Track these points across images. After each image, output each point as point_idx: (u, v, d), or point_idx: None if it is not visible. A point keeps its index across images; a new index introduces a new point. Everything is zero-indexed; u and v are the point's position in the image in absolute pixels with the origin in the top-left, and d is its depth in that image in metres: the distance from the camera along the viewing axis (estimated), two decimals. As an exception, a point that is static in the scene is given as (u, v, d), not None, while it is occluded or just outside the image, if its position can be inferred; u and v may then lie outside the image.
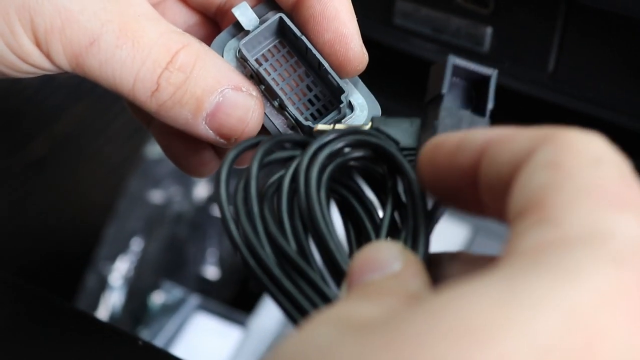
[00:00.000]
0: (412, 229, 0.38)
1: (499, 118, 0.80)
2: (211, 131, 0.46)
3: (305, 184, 0.38)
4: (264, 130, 0.47)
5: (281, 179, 0.40)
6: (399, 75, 0.82)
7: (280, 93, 0.47)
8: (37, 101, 0.93)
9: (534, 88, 0.72)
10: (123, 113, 1.01)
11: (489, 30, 0.68)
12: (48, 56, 0.45)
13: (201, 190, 1.05)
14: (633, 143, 0.76)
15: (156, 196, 1.03)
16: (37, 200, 0.97)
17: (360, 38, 0.47)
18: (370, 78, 0.49)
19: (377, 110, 0.49)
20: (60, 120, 0.96)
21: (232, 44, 0.48)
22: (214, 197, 0.39)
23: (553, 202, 0.30)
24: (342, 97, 0.47)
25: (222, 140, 0.46)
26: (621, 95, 0.67)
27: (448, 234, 0.98)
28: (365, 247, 0.36)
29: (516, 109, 0.80)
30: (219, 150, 0.51)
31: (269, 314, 0.90)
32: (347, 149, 0.41)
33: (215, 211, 1.05)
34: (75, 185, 1.01)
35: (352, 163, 0.41)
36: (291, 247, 0.38)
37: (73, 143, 0.98)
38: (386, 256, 0.35)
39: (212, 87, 0.45)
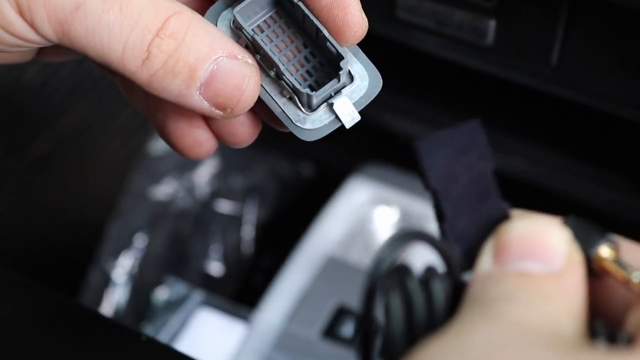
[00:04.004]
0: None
1: (502, 112, 0.80)
2: (206, 102, 0.44)
3: None
4: (259, 101, 0.46)
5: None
6: (401, 70, 0.82)
7: (276, 60, 0.45)
8: (40, 99, 0.93)
9: (538, 81, 0.72)
10: (126, 110, 1.01)
11: (492, 24, 0.68)
12: (32, 25, 0.43)
13: (204, 186, 1.05)
14: (637, 136, 0.76)
15: (159, 192, 1.03)
16: (40, 197, 0.97)
17: (359, 2, 0.46)
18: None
19: (378, 81, 0.47)
20: (62, 117, 0.96)
21: (226, 14, 0.47)
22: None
23: None
24: (342, 64, 0.45)
25: (217, 111, 0.45)
26: (625, 88, 0.67)
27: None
28: (526, 217, 0.33)
29: (519, 103, 0.80)
30: (214, 130, 0.50)
31: (273, 310, 0.90)
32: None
33: (219, 207, 1.05)
34: (79, 182, 1.01)
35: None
36: None
37: (76, 140, 0.98)
38: (551, 243, 0.33)
39: (206, 55, 0.43)
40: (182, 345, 0.94)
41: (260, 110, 0.48)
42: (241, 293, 1.01)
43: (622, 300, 0.33)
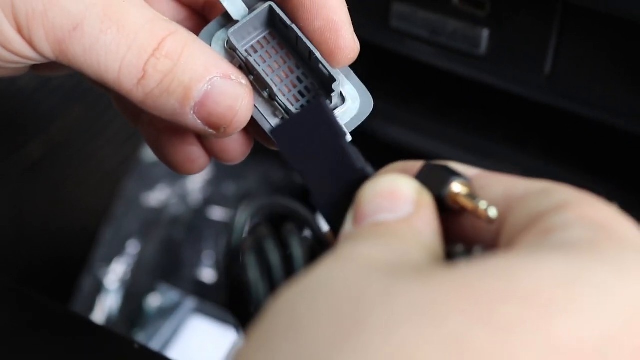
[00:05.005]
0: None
1: (495, 120, 0.80)
2: (199, 121, 0.45)
3: None
4: (252, 120, 0.47)
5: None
6: (395, 78, 0.82)
7: (269, 82, 0.46)
8: (33, 104, 0.93)
9: (531, 90, 0.72)
10: (119, 116, 1.00)
11: (485, 33, 0.68)
12: (30, 43, 0.44)
13: (197, 193, 1.05)
14: (630, 145, 0.76)
15: (152, 199, 1.03)
16: (32, 203, 0.96)
17: (352, 26, 0.46)
18: (366, 80, 0.48)
19: (370, 102, 0.47)
20: (55, 123, 0.96)
21: (221, 35, 0.47)
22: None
23: (592, 209, 0.32)
24: (334, 86, 0.46)
25: (210, 130, 0.45)
26: (618, 97, 0.67)
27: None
28: (378, 176, 0.36)
29: (513, 112, 0.80)
30: (206, 146, 0.51)
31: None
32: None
33: (212, 214, 1.05)
34: (71, 188, 1.01)
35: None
36: None
37: (69, 146, 0.98)
38: (400, 194, 0.35)
39: (200, 75, 0.44)
40: (174, 353, 0.94)
41: (252, 129, 0.48)
42: (233, 300, 1.01)
43: (489, 231, 0.35)
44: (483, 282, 0.28)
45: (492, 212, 0.34)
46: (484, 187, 0.36)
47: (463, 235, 0.36)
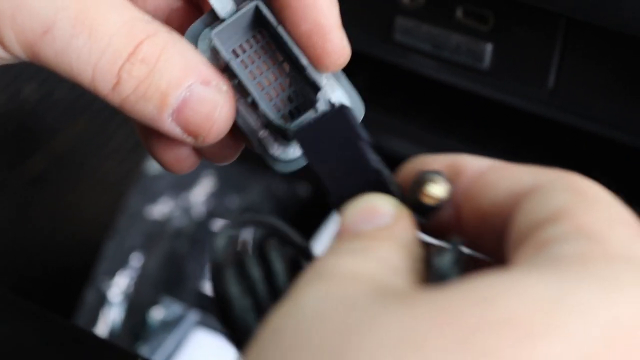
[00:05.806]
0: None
1: (498, 134, 0.80)
2: (178, 128, 0.43)
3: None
4: (235, 127, 0.44)
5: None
6: (398, 92, 0.82)
7: (251, 89, 0.43)
8: (36, 117, 0.93)
9: (534, 105, 0.72)
10: (122, 129, 1.01)
11: (489, 47, 0.68)
12: (2, 44, 0.43)
13: (201, 205, 1.05)
14: (633, 160, 0.76)
15: (155, 212, 1.03)
16: (35, 216, 0.96)
17: (342, 30, 0.44)
18: (369, 94, 0.48)
19: (361, 107, 0.45)
20: (58, 136, 0.96)
21: (207, 33, 0.44)
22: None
23: (587, 218, 0.31)
24: (319, 94, 0.43)
25: (189, 138, 0.44)
26: (621, 112, 0.67)
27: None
28: (357, 199, 0.36)
29: (516, 126, 0.80)
30: (195, 147, 0.48)
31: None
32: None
33: (215, 226, 1.05)
34: (74, 201, 1.01)
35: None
36: None
37: (72, 159, 0.98)
38: (378, 207, 0.35)
39: (178, 81, 0.42)
40: (177, 366, 0.94)
41: (238, 134, 0.46)
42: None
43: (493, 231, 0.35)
44: (463, 309, 0.28)
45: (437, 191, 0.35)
46: (492, 183, 0.35)
47: (467, 235, 0.36)
